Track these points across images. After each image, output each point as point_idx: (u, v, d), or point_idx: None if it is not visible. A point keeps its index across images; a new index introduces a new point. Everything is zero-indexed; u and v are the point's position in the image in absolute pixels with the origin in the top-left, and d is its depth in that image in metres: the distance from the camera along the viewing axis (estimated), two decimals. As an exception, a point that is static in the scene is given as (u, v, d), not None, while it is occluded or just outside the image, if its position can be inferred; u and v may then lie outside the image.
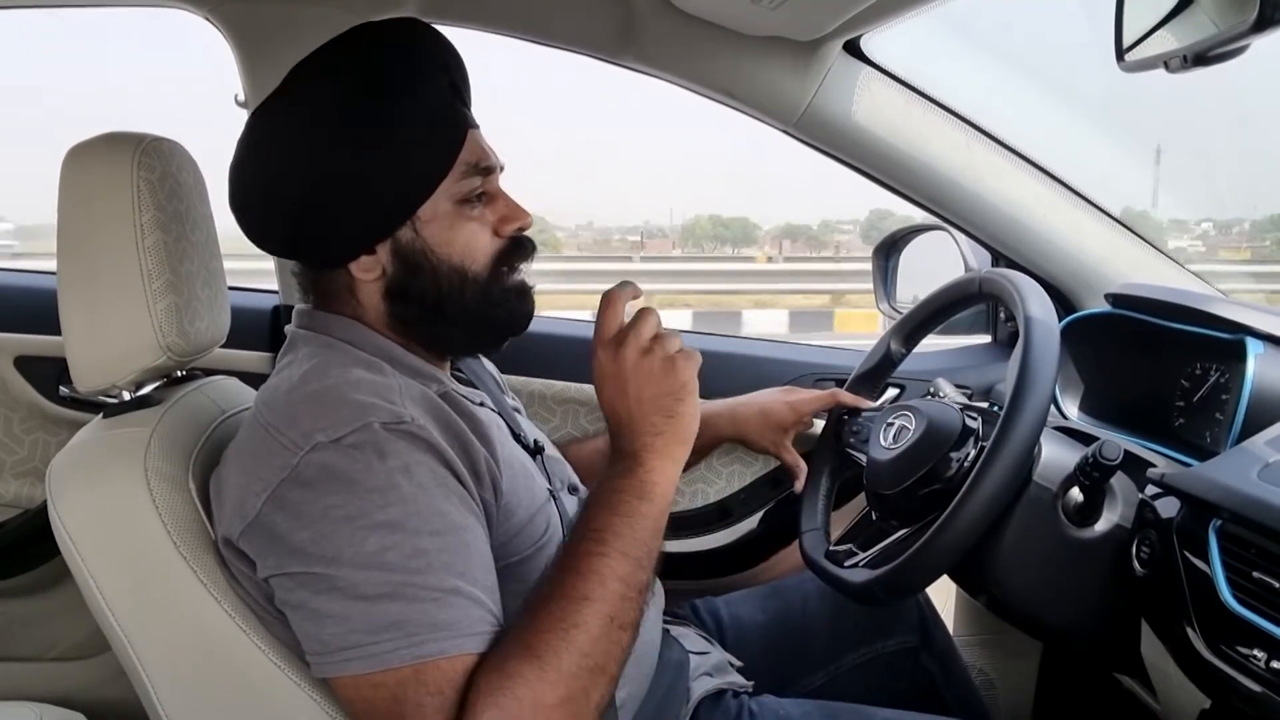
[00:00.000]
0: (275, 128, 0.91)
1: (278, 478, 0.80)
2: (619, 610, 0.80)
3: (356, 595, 0.77)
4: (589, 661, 0.77)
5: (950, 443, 1.05)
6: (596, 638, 0.78)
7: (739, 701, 1.09)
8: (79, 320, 0.94)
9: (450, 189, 0.92)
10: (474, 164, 0.93)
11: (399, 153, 0.89)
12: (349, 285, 0.94)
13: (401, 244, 0.91)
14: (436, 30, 0.96)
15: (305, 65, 0.92)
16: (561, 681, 0.76)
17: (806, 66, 1.38)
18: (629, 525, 0.84)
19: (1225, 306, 1.15)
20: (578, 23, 1.41)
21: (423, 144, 0.90)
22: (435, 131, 0.91)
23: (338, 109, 0.88)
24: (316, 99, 0.90)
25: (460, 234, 0.93)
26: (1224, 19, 0.78)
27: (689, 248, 18.15)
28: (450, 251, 0.92)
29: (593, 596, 0.80)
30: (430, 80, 0.91)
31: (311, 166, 0.88)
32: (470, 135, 0.93)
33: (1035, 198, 1.45)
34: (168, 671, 0.91)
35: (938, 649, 1.29)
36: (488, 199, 0.95)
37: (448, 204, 0.92)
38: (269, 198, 0.91)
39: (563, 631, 0.78)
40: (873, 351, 1.33)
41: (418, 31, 0.94)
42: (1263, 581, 0.80)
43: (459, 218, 0.92)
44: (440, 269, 0.92)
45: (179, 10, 1.40)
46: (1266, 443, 0.93)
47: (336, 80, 0.90)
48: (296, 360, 0.92)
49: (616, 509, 0.85)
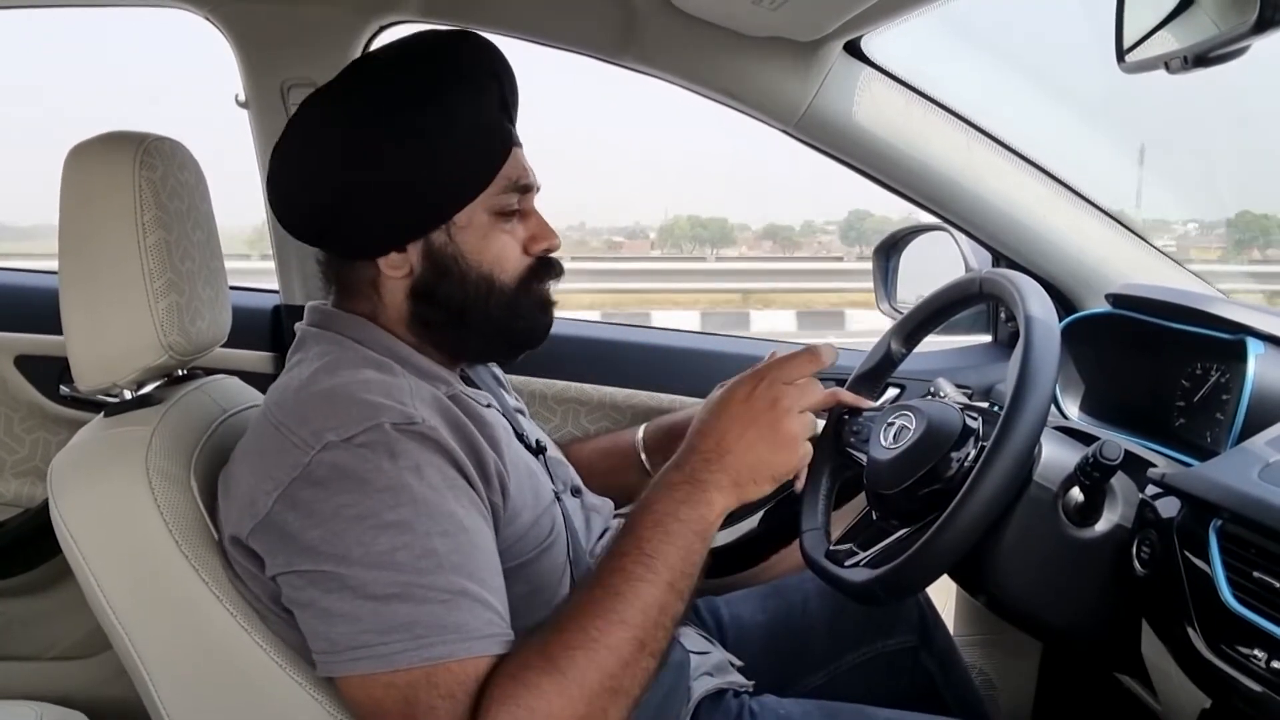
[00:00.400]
0: (327, 118, 0.92)
1: (289, 476, 0.81)
2: (652, 638, 0.80)
3: (366, 595, 0.77)
4: (613, 684, 0.77)
5: (950, 443, 1.05)
6: (626, 662, 0.78)
7: (739, 701, 1.09)
8: (80, 319, 0.94)
9: (488, 200, 0.93)
10: (514, 180, 0.94)
11: (445, 159, 0.90)
12: (373, 280, 0.95)
13: (434, 246, 0.93)
14: (492, 44, 0.97)
15: (364, 62, 0.95)
16: (582, 700, 0.75)
17: (807, 67, 1.38)
18: (682, 557, 0.83)
19: (1226, 307, 1.15)
20: (578, 23, 1.41)
21: (469, 153, 0.92)
22: (482, 143, 0.92)
23: (391, 110, 0.89)
24: (371, 97, 0.91)
25: (493, 244, 0.94)
26: (1224, 20, 0.78)
27: (668, 248, 18.17)
28: (481, 260, 0.94)
29: (630, 621, 0.79)
30: (482, 92, 0.93)
31: (357, 162, 0.89)
32: (514, 152, 0.95)
33: (1036, 198, 1.45)
34: (168, 670, 0.91)
35: (938, 649, 1.29)
36: (521, 216, 0.96)
37: (484, 214, 0.93)
38: (308, 184, 0.92)
39: (591, 651, 0.77)
40: (873, 351, 1.33)
41: (473, 44, 0.96)
42: (1263, 581, 0.80)
43: (493, 229, 0.94)
44: (469, 275, 0.93)
45: (179, 10, 1.40)
46: (1267, 443, 0.93)
47: (393, 81, 0.92)
48: (307, 359, 0.92)
49: (674, 538, 0.83)
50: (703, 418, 0.91)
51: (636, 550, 0.82)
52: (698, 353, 1.61)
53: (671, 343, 1.65)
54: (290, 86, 1.38)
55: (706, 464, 0.87)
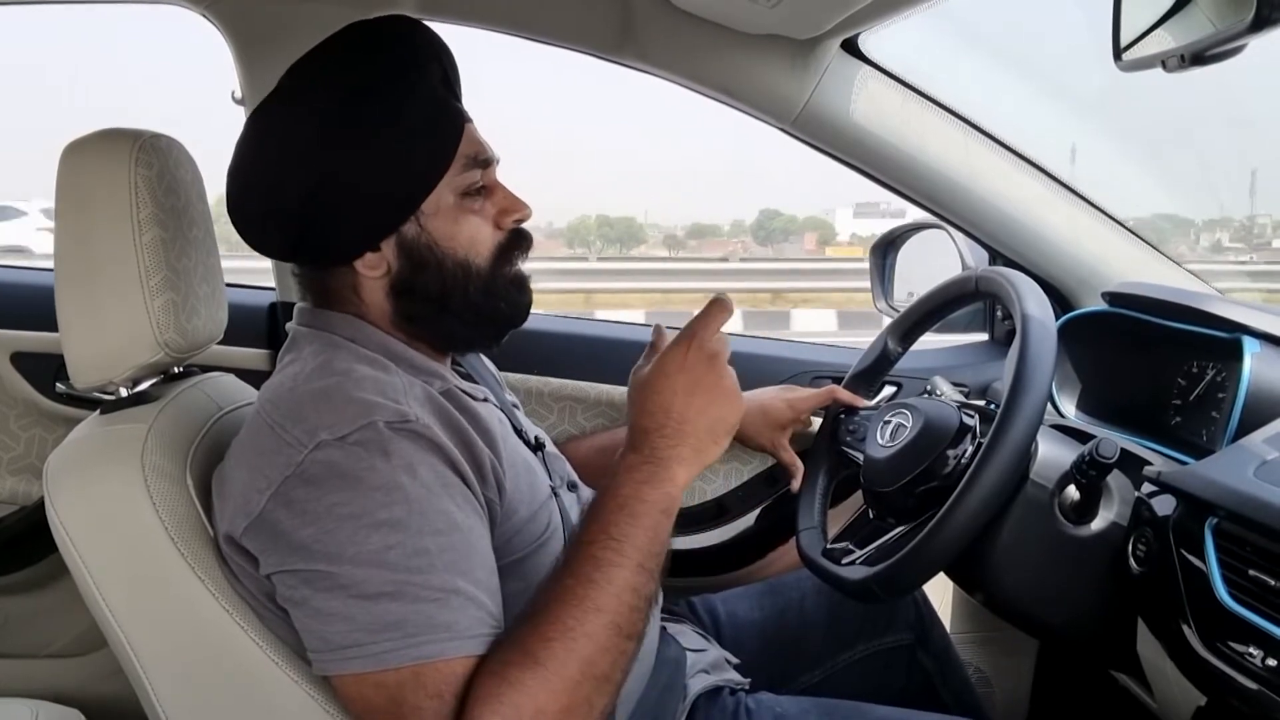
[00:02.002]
0: (273, 130, 0.91)
1: (282, 475, 0.80)
2: (627, 620, 0.79)
3: (358, 594, 0.77)
4: (594, 671, 0.77)
5: (947, 441, 1.05)
6: (604, 648, 0.78)
7: (736, 699, 1.09)
8: (76, 316, 0.94)
9: (452, 182, 0.92)
10: (473, 156, 0.93)
11: (401, 148, 0.89)
12: (353, 284, 0.94)
13: (407, 239, 0.92)
14: (426, 25, 0.96)
15: (300, 66, 0.92)
16: (564, 691, 0.75)
17: (804, 65, 1.38)
18: (649, 537, 0.82)
19: (1222, 305, 1.15)
20: (575, 21, 1.41)
21: (424, 138, 0.90)
22: (435, 125, 0.91)
23: (337, 108, 0.88)
24: (314, 100, 0.89)
25: (464, 227, 0.93)
26: (1221, 18, 0.78)
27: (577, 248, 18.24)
28: (455, 245, 0.93)
29: (604, 607, 0.78)
30: (426, 75, 0.91)
31: (313, 168, 0.88)
32: (467, 128, 0.93)
33: (1032, 196, 1.46)
34: (165, 668, 0.90)
35: (935, 646, 1.29)
36: (487, 192, 0.95)
37: (450, 197, 0.92)
38: (270, 201, 0.90)
39: (569, 640, 0.77)
40: (870, 350, 1.33)
41: (409, 27, 0.94)
42: (1258, 579, 0.80)
43: (462, 211, 0.93)
44: (445, 263, 0.92)
45: (177, 8, 1.40)
46: (1263, 441, 0.93)
47: (333, 80, 0.90)
48: (300, 358, 0.92)
49: (639, 520, 0.83)
50: (641, 399, 0.89)
51: (604, 536, 0.82)
52: None
53: None
54: (287, 84, 1.37)
55: (665, 440, 0.86)
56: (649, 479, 0.85)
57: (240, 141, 0.92)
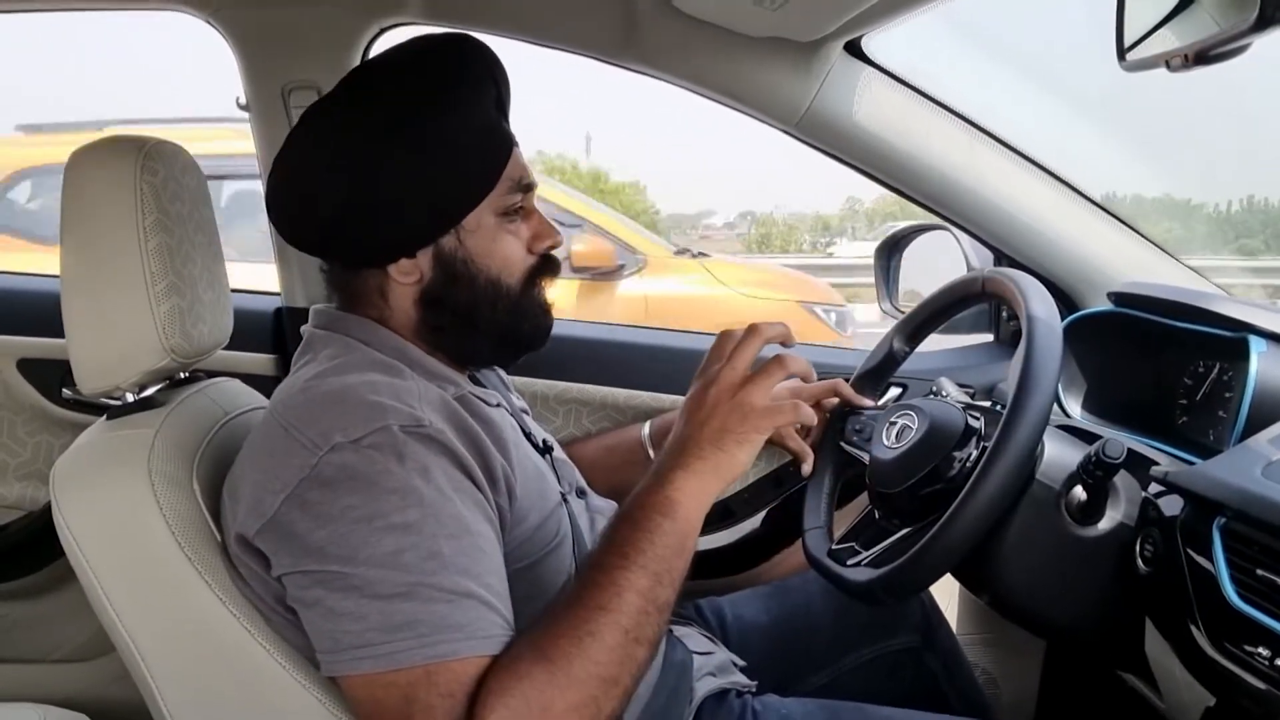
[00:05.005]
0: (328, 129, 0.92)
1: (297, 477, 0.81)
2: (636, 624, 0.80)
3: (372, 594, 0.78)
4: (601, 671, 0.77)
5: (953, 442, 1.05)
6: (611, 648, 0.78)
7: (742, 701, 1.09)
8: (82, 322, 0.94)
9: (495, 202, 0.94)
10: (517, 180, 0.95)
11: (452, 165, 0.91)
12: (381, 287, 0.95)
13: (444, 251, 0.93)
14: (486, 45, 0.98)
15: (363, 71, 0.96)
16: (571, 687, 0.76)
17: (807, 67, 1.38)
18: (650, 540, 0.83)
19: (1228, 305, 1.15)
20: (579, 25, 1.41)
21: (475, 156, 0.92)
22: (486, 145, 0.93)
23: (394, 118, 0.89)
24: (373, 106, 0.91)
25: (500, 246, 0.95)
26: (1225, 18, 0.77)
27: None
28: (489, 263, 0.95)
29: (609, 607, 0.79)
30: (482, 96, 0.94)
31: (362, 173, 0.89)
32: (514, 151, 0.95)
33: (1037, 196, 1.45)
34: (172, 672, 0.91)
35: (941, 648, 1.29)
36: (524, 215, 0.97)
37: (491, 217, 0.94)
38: (311, 196, 0.92)
39: (576, 638, 0.77)
40: (875, 350, 1.33)
41: (471, 46, 0.96)
42: (1267, 579, 0.79)
43: (500, 230, 0.95)
44: (478, 279, 0.94)
45: (181, 13, 1.41)
46: (1270, 440, 0.93)
47: (394, 90, 0.92)
48: (315, 360, 0.92)
49: (639, 524, 0.84)
50: (675, 432, 0.91)
51: (608, 541, 0.84)
52: (699, 353, 1.61)
53: (673, 343, 1.65)
54: (291, 89, 1.38)
55: (667, 455, 0.88)
56: (648, 487, 0.87)
57: (291, 135, 0.94)
